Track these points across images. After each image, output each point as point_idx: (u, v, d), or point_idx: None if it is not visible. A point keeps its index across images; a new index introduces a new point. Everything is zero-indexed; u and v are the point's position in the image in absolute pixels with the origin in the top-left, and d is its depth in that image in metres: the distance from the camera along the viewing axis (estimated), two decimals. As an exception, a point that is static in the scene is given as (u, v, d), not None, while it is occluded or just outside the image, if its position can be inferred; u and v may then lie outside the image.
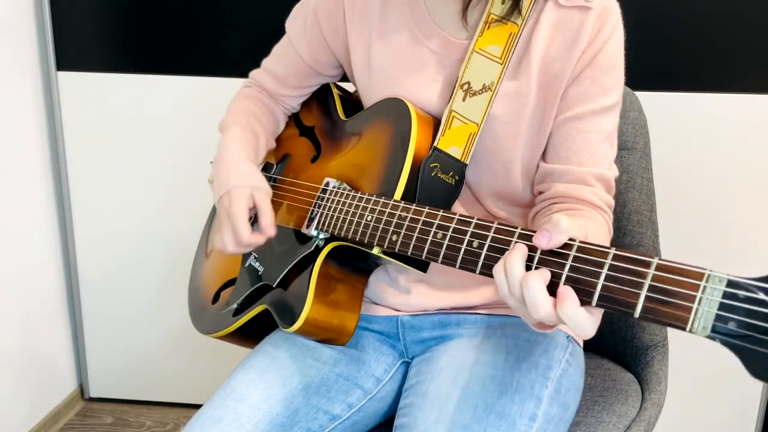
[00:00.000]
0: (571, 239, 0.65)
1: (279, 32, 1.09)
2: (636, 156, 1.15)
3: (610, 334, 1.17)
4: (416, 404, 0.89)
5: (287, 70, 1.09)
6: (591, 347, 1.18)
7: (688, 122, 1.57)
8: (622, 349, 1.16)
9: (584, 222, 0.84)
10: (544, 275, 0.65)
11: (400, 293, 0.99)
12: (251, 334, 1.06)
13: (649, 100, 1.26)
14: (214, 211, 1.25)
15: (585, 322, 0.63)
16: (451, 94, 0.91)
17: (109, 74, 1.75)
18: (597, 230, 0.85)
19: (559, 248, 0.65)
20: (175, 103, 1.75)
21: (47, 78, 1.76)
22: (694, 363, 1.62)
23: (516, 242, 0.69)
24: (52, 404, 1.90)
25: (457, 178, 0.90)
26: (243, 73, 1.15)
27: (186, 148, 1.78)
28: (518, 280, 0.65)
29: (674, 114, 1.56)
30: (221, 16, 1.68)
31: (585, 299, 0.63)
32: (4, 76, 1.64)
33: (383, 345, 1.01)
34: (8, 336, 1.72)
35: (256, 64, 1.14)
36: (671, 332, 1.04)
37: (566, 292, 0.63)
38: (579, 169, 0.89)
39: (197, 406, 0.92)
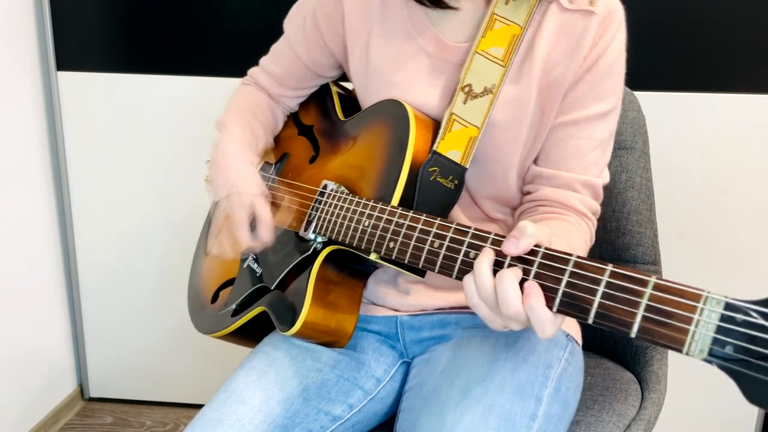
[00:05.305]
0: (567, 253, 0.65)
1: (279, 32, 1.09)
2: (635, 156, 1.15)
3: (609, 334, 1.17)
4: (415, 407, 0.89)
5: (286, 71, 1.08)
6: (591, 347, 1.18)
7: (688, 122, 1.57)
8: (621, 348, 1.16)
9: (558, 226, 0.86)
10: (516, 273, 0.66)
11: (399, 294, 0.99)
12: (251, 335, 1.05)
13: (649, 99, 1.26)
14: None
15: (547, 320, 0.64)
16: (452, 97, 0.90)
17: (109, 74, 1.75)
18: (576, 237, 0.86)
19: (553, 261, 0.65)
20: (175, 103, 1.75)
21: (47, 78, 1.76)
22: (694, 362, 1.62)
23: (489, 248, 0.70)
24: (52, 404, 1.90)
25: (456, 182, 0.89)
26: (243, 73, 1.15)
27: (186, 148, 1.77)
28: (488, 281, 0.67)
29: (673, 114, 1.56)
30: (221, 16, 1.67)
31: (582, 316, 0.62)
32: (4, 76, 1.64)
33: (383, 345, 1.01)
34: (8, 336, 1.72)
35: (256, 65, 1.13)
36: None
37: (532, 287, 0.65)
38: (567, 174, 0.89)
39: (197, 406, 0.93)
